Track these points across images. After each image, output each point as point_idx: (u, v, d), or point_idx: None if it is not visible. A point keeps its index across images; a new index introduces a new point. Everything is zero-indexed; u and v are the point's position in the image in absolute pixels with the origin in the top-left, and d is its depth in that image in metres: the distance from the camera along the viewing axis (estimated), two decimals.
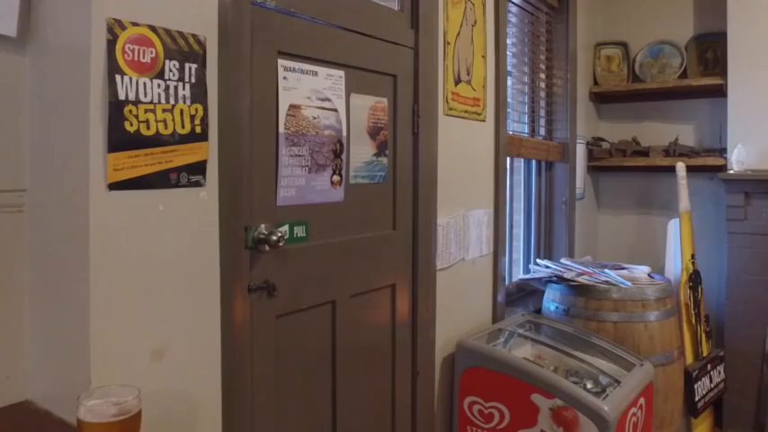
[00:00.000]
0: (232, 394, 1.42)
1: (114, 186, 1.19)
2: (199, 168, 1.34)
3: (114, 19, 1.19)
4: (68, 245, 1.20)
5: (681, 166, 3.19)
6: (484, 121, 2.61)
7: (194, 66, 1.33)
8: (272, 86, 1.61)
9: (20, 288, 1.27)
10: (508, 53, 2.85)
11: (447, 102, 2.34)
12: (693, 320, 2.99)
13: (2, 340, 1.24)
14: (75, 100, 1.18)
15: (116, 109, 1.18)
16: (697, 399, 2.86)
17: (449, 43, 2.39)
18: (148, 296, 1.25)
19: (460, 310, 2.44)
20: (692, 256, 3.10)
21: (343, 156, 1.86)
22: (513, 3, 3.03)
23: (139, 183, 1.23)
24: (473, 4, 2.57)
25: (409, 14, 2.25)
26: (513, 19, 3.03)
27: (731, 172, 3.14)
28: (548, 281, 2.84)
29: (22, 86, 1.27)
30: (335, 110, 1.83)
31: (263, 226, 1.54)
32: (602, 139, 3.84)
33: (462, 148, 2.46)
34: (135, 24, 1.23)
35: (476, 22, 2.60)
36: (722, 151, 3.36)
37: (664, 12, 3.71)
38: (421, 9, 2.26)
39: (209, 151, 1.36)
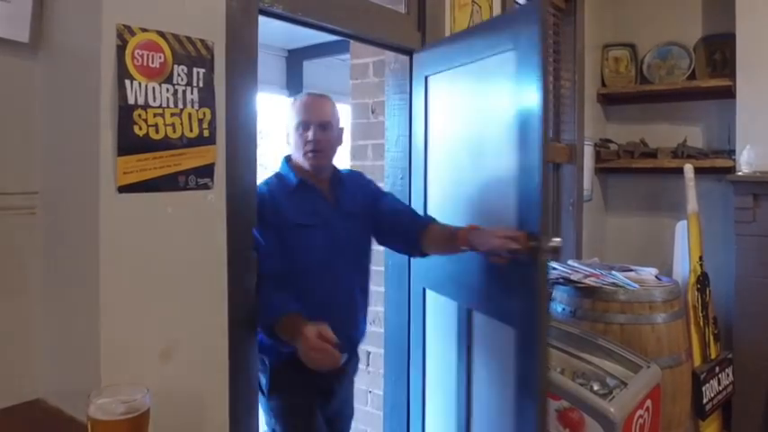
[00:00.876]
0: (239, 393, 1.44)
1: (124, 189, 1.21)
2: (207, 171, 1.36)
3: (124, 25, 1.21)
4: (79, 246, 1.22)
5: (689, 168, 3.18)
6: None
7: (202, 70, 1.35)
8: None
9: (32, 288, 1.29)
10: None
11: None
12: (701, 323, 2.98)
13: (15, 340, 1.27)
14: (85, 104, 1.21)
15: (125, 113, 1.21)
16: (705, 401, 2.85)
17: None
18: (157, 296, 1.28)
19: None
20: (700, 258, 3.09)
21: None
22: (520, 5, 3.04)
23: (148, 185, 1.25)
24: (480, 7, 2.58)
25: (416, 17, 2.27)
26: None
27: (739, 174, 3.12)
28: (555, 282, 2.84)
29: (35, 91, 1.29)
30: None
31: None
32: (610, 141, 3.83)
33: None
34: (144, 30, 1.25)
35: None
36: (730, 153, 3.34)
37: (672, 13, 3.70)
38: (428, 11, 2.28)
39: (217, 154, 1.38)
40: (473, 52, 1.88)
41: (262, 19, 1.63)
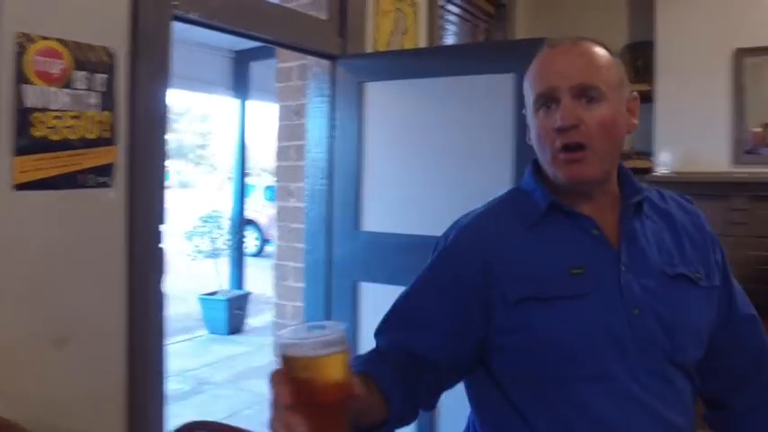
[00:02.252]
0: (136, 381, 1.51)
1: (21, 187, 1.29)
2: (106, 171, 1.44)
3: (22, 33, 1.29)
4: None
5: None
6: None
7: (104, 76, 1.43)
8: None
9: None
10: None
11: None
12: None
13: None
14: None
15: (22, 116, 1.28)
16: None
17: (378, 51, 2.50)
18: (54, 288, 1.35)
19: None
20: None
21: None
22: (448, 11, 3.16)
23: (47, 183, 1.33)
24: (404, 13, 2.69)
25: (337, 23, 2.36)
26: (450, 27, 3.16)
27: (655, 174, 3.31)
28: None
29: None
30: None
31: None
32: None
33: None
34: (44, 38, 1.32)
35: (407, 30, 2.72)
36: (649, 155, 3.53)
37: (599, 20, 3.87)
38: (349, 18, 2.37)
39: (118, 155, 1.46)
40: (443, 69, 2.11)
41: None
